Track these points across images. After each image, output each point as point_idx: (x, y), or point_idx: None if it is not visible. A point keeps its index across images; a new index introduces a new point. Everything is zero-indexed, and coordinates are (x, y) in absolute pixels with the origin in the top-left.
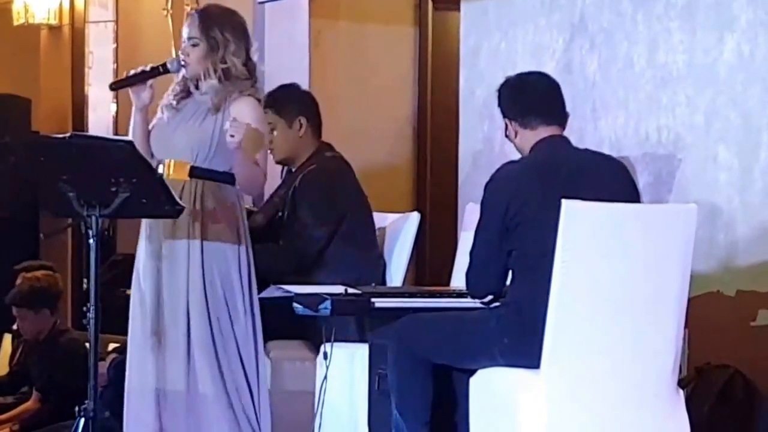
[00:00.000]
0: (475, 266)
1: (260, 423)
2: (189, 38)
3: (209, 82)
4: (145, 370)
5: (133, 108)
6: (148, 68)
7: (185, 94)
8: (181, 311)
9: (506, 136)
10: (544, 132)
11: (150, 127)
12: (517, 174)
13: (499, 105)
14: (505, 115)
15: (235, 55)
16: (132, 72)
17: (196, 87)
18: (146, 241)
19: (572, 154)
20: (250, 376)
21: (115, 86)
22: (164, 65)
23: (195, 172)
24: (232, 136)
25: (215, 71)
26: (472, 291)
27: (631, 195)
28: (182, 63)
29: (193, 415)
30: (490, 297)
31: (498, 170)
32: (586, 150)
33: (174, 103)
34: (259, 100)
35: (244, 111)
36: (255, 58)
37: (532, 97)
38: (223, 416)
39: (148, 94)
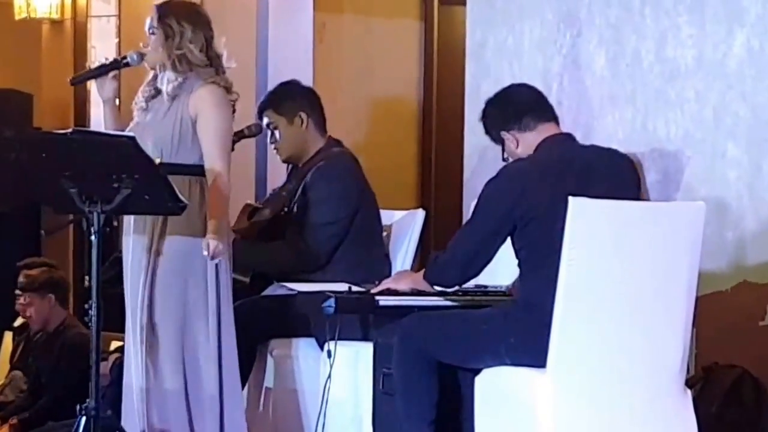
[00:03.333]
0: (458, 254)
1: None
2: (149, 29)
3: (168, 72)
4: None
5: (102, 101)
6: (107, 61)
7: (155, 92)
8: (138, 307)
9: (504, 160)
10: (544, 130)
11: (127, 130)
12: (525, 171)
13: (491, 128)
14: (501, 131)
15: (192, 42)
16: (93, 65)
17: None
18: (125, 236)
19: (580, 150)
20: (205, 376)
21: (76, 80)
22: (124, 58)
23: (162, 169)
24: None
25: (169, 57)
26: (441, 278)
27: (637, 189)
28: (142, 54)
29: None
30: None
31: (505, 167)
32: (593, 146)
33: (144, 105)
34: (226, 89)
35: (206, 98)
36: (221, 49)
37: (519, 100)
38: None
39: (111, 86)
